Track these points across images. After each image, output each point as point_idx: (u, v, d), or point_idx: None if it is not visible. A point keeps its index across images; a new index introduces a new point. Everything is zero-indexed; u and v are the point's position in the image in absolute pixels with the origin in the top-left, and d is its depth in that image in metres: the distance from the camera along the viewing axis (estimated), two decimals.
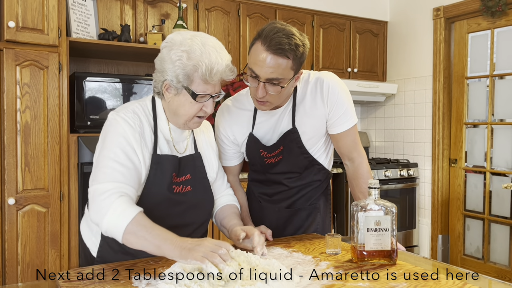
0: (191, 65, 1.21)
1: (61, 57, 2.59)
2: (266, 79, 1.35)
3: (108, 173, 1.21)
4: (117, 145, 1.24)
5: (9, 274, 2.43)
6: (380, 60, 4.32)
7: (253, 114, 1.58)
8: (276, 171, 1.61)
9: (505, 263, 3.52)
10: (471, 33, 3.73)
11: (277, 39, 1.31)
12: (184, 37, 1.25)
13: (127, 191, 1.21)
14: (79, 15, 2.83)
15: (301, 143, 1.54)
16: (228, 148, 1.63)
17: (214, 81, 1.25)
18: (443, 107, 3.84)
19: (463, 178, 3.83)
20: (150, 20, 3.20)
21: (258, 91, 1.37)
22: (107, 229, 1.16)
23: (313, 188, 1.65)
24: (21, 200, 2.47)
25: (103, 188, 1.18)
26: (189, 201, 1.36)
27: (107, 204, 1.16)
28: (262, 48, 1.33)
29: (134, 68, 3.37)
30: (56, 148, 2.56)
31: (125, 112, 1.30)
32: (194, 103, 1.26)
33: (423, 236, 4.02)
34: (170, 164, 1.33)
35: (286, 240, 1.52)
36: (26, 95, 2.48)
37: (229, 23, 3.52)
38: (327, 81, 1.50)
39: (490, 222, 3.65)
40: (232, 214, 1.50)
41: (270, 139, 1.57)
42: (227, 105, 1.64)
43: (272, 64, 1.33)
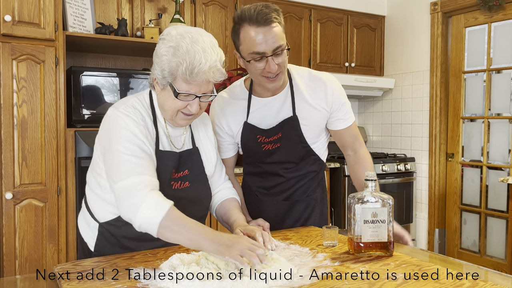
0: (175, 62, 1.19)
1: (57, 51, 2.58)
2: (271, 51, 1.40)
3: (129, 167, 1.19)
4: (125, 139, 1.22)
5: (7, 269, 2.44)
6: (378, 54, 4.33)
7: (247, 103, 1.59)
8: (272, 161, 1.62)
9: (502, 257, 3.55)
10: (469, 27, 3.74)
11: (260, 13, 1.38)
12: (177, 32, 1.23)
13: (154, 182, 1.20)
14: (76, 9, 2.82)
15: (300, 131, 1.57)
16: (222, 140, 1.64)
17: (196, 82, 1.20)
18: (440, 101, 3.85)
19: (460, 172, 3.85)
20: (147, 14, 3.19)
21: (270, 66, 1.41)
22: (141, 224, 1.15)
23: (309, 179, 1.67)
24: (19, 194, 2.47)
25: (131, 183, 1.16)
26: (188, 197, 1.35)
27: (140, 199, 1.14)
28: (253, 28, 1.39)
29: (131, 62, 3.36)
30: (53, 142, 2.56)
31: (125, 108, 1.27)
32: (177, 100, 1.24)
33: (420, 230, 4.03)
34: (171, 161, 1.32)
35: (284, 232, 1.52)
36: (23, 90, 2.47)
37: (226, 18, 3.51)
38: (331, 84, 1.58)
39: (486, 216, 3.67)
40: (233, 208, 1.49)
41: (268, 124, 1.59)
42: (221, 96, 1.65)
43: (271, 35, 1.38)
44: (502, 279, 1.11)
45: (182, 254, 1.16)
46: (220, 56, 1.25)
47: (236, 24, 1.43)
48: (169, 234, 1.14)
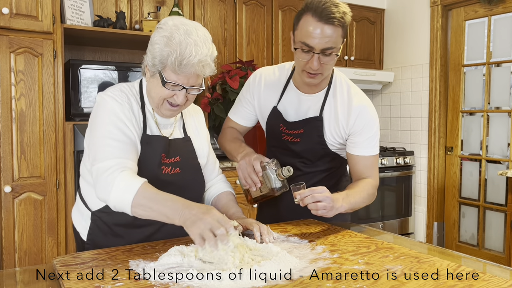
0: (167, 51, 1.21)
1: (55, 44, 2.57)
2: (320, 49, 1.38)
3: (107, 150, 1.23)
4: (109, 122, 1.26)
5: (6, 262, 2.44)
6: (377, 48, 4.31)
7: (283, 88, 1.61)
8: (290, 151, 1.63)
9: (500, 250, 3.56)
10: (468, 20, 3.72)
11: (328, 9, 1.35)
12: (173, 23, 1.25)
13: (128, 165, 1.23)
14: (74, 2, 2.80)
15: (322, 132, 1.56)
16: (243, 108, 1.70)
17: (184, 73, 1.22)
18: (439, 95, 3.84)
19: (458, 166, 3.85)
20: (146, 7, 3.17)
21: (313, 63, 1.40)
22: (115, 204, 1.18)
23: (327, 175, 1.66)
24: (18, 188, 2.47)
25: (105, 166, 1.20)
26: (178, 183, 1.37)
27: (111, 180, 1.18)
28: (314, 20, 1.36)
29: (130, 55, 3.34)
30: (51, 136, 2.55)
31: (112, 91, 1.32)
32: (164, 89, 1.26)
33: (418, 224, 4.05)
34: (159, 145, 1.34)
35: (283, 225, 1.52)
36: (21, 83, 2.46)
37: (225, 11, 3.49)
38: (358, 110, 1.52)
39: (485, 209, 3.68)
40: (230, 201, 1.51)
41: (293, 117, 1.60)
42: (271, 72, 1.66)
43: (326, 34, 1.37)
44: (501, 271, 1.12)
45: (181, 246, 1.16)
46: (211, 51, 1.26)
47: (302, 9, 1.41)
48: (142, 212, 1.17)
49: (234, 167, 3.14)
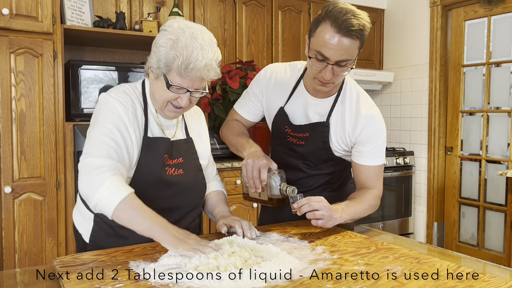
0: (173, 54, 1.20)
1: (55, 44, 2.57)
2: (335, 61, 1.35)
3: (103, 148, 1.22)
4: (110, 121, 1.26)
5: (6, 262, 2.44)
6: (377, 48, 4.31)
7: (292, 89, 1.59)
8: (293, 152, 1.62)
9: (500, 250, 3.56)
10: (468, 20, 3.72)
11: (348, 21, 1.31)
12: (179, 26, 1.24)
13: (121, 170, 1.23)
14: (73, 2, 2.80)
15: (327, 138, 1.55)
16: (250, 102, 1.68)
17: (190, 77, 1.22)
18: (439, 95, 3.84)
19: (458, 166, 3.85)
20: (146, 7, 3.17)
21: (326, 73, 1.37)
22: (97, 204, 1.17)
23: (331, 178, 1.65)
24: (18, 188, 2.47)
25: (98, 163, 1.19)
26: (181, 184, 1.37)
27: (101, 180, 1.17)
28: (333, 30, 1.32)
29: (130, 56, 3.34)
30: (52, 136, 2.56)
31: (116, 93, 1.31)
32: (168, 91, 1.26)
33: (418, 224, 4.05)
34: (162, 146, 1.34)
35: (283, 225, 1.52)
36: (21, 83, 2.46)
37: (225, 11, 3.49)
38: (366, 120, 1.50)
39: (485, 209, 3.68)
40: (219, 201, 1.52)
41: (299, 120, 1.58)
42: (282, 66, 1.64)
43: (343, 46, 1.32)
44: (501, 271, 1.12)
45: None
46: (217, 55, 1.26)
47: (321, 16, 1.36)
48: (124, 216, 1.16)
49: (234, 167, 3.14)
